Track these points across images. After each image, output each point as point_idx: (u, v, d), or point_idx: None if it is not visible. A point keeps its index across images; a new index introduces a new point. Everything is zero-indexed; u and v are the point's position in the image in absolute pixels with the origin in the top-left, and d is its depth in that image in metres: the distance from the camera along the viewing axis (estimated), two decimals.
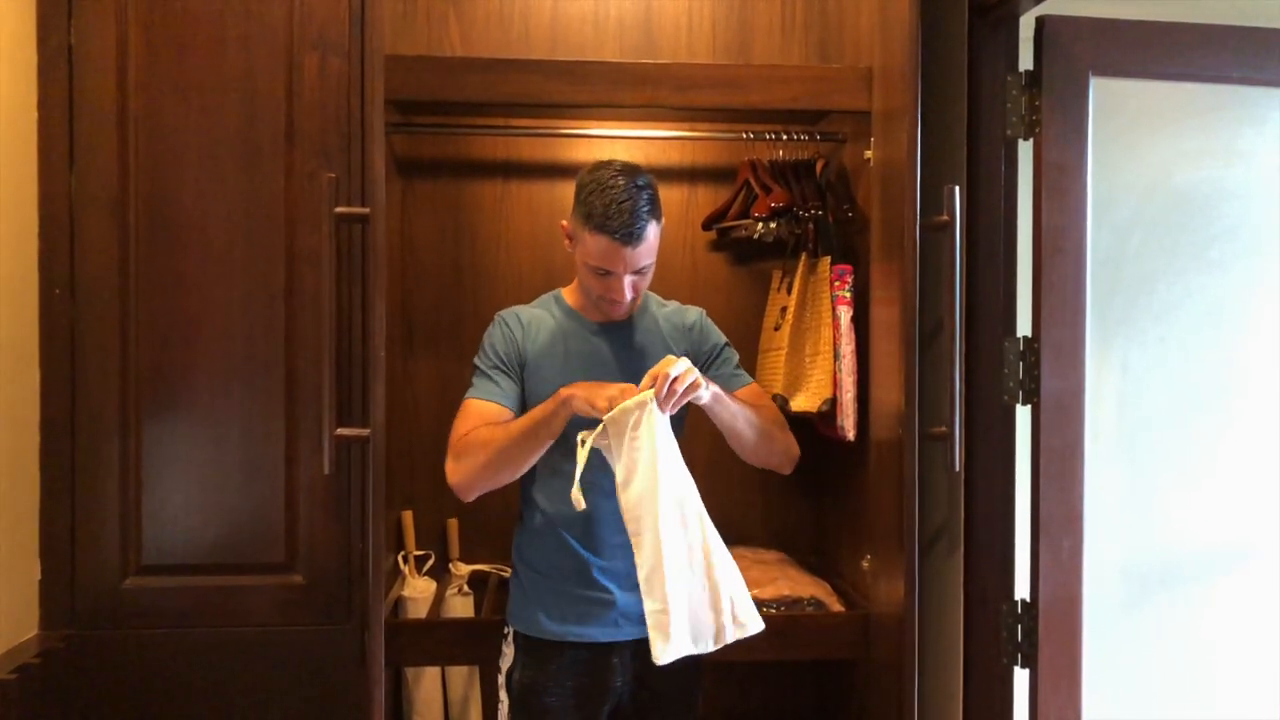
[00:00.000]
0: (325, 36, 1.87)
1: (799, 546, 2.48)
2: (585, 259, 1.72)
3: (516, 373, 1.79)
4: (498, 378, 1.78)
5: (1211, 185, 1.95)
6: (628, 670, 1.78)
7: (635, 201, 1.66)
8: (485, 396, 1.76)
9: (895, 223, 1.80)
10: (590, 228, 1.68)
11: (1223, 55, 1.86)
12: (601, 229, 1.66)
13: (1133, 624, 1.95)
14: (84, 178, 1.83)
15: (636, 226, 1.65)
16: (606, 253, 1.68)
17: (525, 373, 1.79)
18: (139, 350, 1.85)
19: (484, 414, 1.74)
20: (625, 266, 1.69)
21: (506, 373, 1.78)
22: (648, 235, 1.68)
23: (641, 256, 1.69)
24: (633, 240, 1.66)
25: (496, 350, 1.80)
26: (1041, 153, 1.80)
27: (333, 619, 1.89)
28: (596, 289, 1.75)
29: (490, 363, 1.79)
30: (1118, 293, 1.91)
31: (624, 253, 1.67)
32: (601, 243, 1.67)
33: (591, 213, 1.67)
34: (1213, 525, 1.97)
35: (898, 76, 1.80)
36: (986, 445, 1.85)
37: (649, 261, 1.72)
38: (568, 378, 1.75)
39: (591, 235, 1.68)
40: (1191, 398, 1.95)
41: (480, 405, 1.75)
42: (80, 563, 1.84)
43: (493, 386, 1.77)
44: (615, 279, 1.71)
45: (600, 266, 1.70)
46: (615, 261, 1.68)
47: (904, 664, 1.73)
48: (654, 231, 1.70)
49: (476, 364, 1.81)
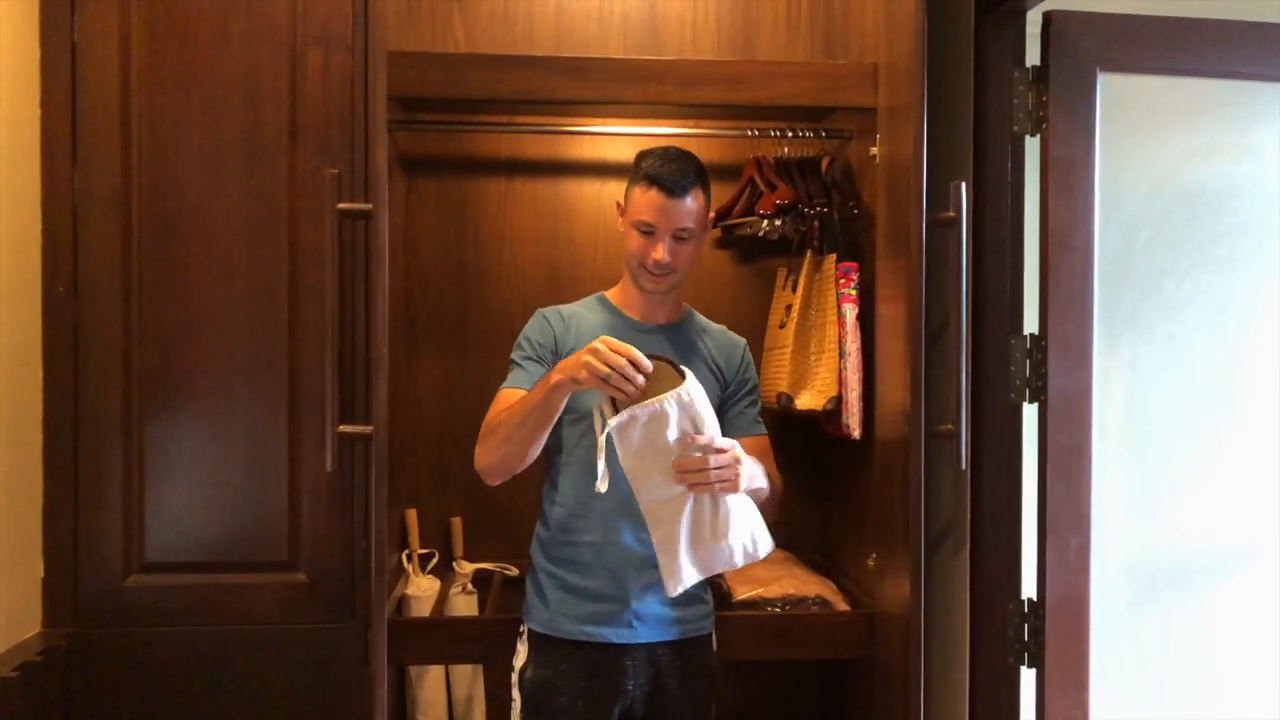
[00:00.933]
0: (329, 32, 1.86)
1: (804, 545, 2.47)
2: (633, 216, 1.78)
3: (549, 362, 1.79)
4: (529, 366, 1.80)
5: (1221, 181, 1.93)
6: (641, 674, 1.77)
7: (685, 163, 1.77)
8: (514, 385, 1.79)
9: (901, 219, 1.79)
10: (639, 180, 1.77)
11: (1232, 50, 1.85)
12: (649, 179, 1.75)
13: (1140, 624, 1.93)
14: (87, 175, 1.82)
15: (683, 180, 1.74)
16: (652, 204, 1.74)
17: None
18: (142, 347, 1.84)
19: (509, 401, 1.75)
20: (667, 222, 1.74)
21: (538, 361, 1.81)
22: (692, 193, 1.76)
23: (684, 215, 1.75)
24: (677, 191, 1.73)
25: (530, 340, 1.84)
26: (1048, 149, 1.79)
27: (336, 617, 1.88)
28: (638, 253, 1.78)
29: (524, 353, 1.83)
30: (1125, 290, 1.89)
31: (668, 205, 1.74)
32: (648, 195, 1.75)
33: (644, 169, 1.77)
34: (1221, 524, 1.96)
35: (903, 72, 1.78)
36: (993, 443, 1.84)
37: (690, 225, 1.77)
38: None
39: (640, 189, 1.77)
40: (1200, 395, 1.94)
41: (508, 393, 1.78)
42: (83, 560, 1.83)
43: (522, 375, 1.80)
44: (657, 238, 1.75)
45: (644, 221, 1.75)
46: (659, 214, 1.74)
47: (910, 663, 1.72)
48: (699, 198, 1.78)
49: (512, 356, 1.84)
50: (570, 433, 1.79)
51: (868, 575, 2.08)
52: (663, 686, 1.79)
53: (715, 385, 1.84)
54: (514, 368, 1.81)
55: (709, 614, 1.86)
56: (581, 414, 1.76)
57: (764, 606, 2.05)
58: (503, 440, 1.69)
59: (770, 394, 2.23)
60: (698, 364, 1.83)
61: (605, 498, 1.64)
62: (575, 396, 1.74)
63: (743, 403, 1.89)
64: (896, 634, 1.81)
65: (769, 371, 2.29)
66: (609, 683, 1.76)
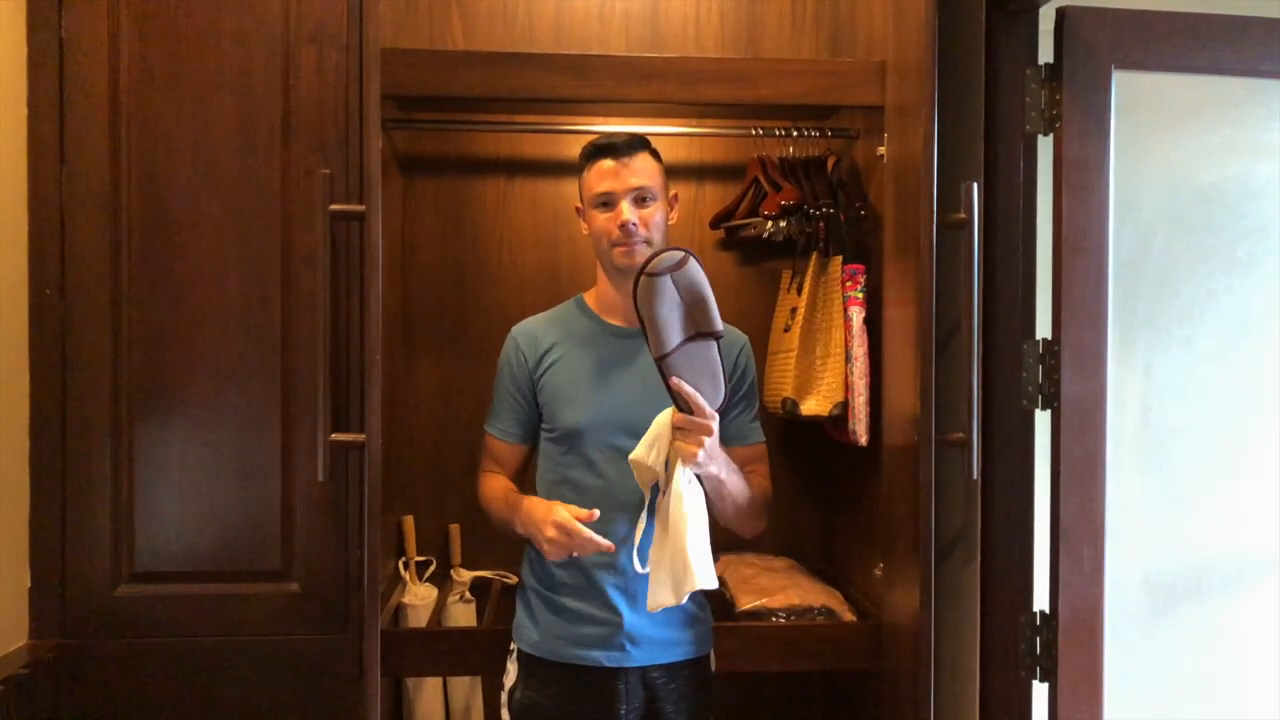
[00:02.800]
0: (323, 30, 1.82)
1: (809, 554, 2.43)
2: (589, 197, 1.77)
3: (526, 397, 1.82)
4: (504, 411, 1.84)
5: (1239, 182, 1.89)
6: (635, 698, 1.73)
7: (625, 133, 1.80)
8: (495, 434, 1.86)
9: (910, 221, 1.74)
10: (585, 159, 1.79)
11: (1250, 47, 1.80)
12: (592, 151, 1.77)
13: (1156, 637, 1.89)
14: (75, 175, 1.78)
15: (627, 143, 1.75)
16: (601, 173, 1.74)
17: (538, 388, 1.81)
18: (131, 351, 1.80)
19: (493, 451, 1.87)
20: (621, 184, 1.72)
21: (514, 401, 1.83)
22: (640, 154, 1.76)
23: (638, 174, 1.73)
24: (622, 151, 1.73)
25: (503, 376, 1.85)
26: (1062, 149, 1.75)
27: (330, 628, 1.84)
28: (604, 231, 1.75)
29: (499, 392, 1.85)
30: (1141, 293, 1.85)
31: (617, 167, 1.73)
32: (595, 166, 1.75)
33: (586, 149, 1.79)
34: (1240, 534, 1.91)
35: (913, 70, 1.74)
36: (1004, 451, 1.79)
37: (647, 184, 1.74)
38: (583, 386, 1.76)
39: (588, 167, 1.77)
40: (1218, 402, 1.89)
41: (490, 442, 1.87)
42: (71, 570, 1.79)
43: (500, 422, 1.85)
44: (615, 207, 1.72)
45: (599, 193, 1.74)
46: (611, 180, 1.72)
47: (919, 676, 1.68)
48: (649, 160, 1.76)
49: (494, 388, 1.87)
50: (555, 449, 1.76)
51: (874, 585, 2.04)
52: (657, 711, 1.74)
53: None
54: (492, 410, 1.88)
55: (708, 634, 1.81)
56: (564, 433, 1.74)
57: (768, 617, 2.01)
58: (496, 522, 1.83)
59: (775, 399, 2.19)
60: None
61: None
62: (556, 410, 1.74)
63: (737, 407, 1.84)
64: (905, 646, 1.77)
65: (773, 376, 2.24)
66: (601, 707, 1.72)
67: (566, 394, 1.75)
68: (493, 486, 1.82)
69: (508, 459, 1.84)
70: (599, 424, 1.72)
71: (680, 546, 1.55)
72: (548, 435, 1.79)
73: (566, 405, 1.75)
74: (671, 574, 1.56)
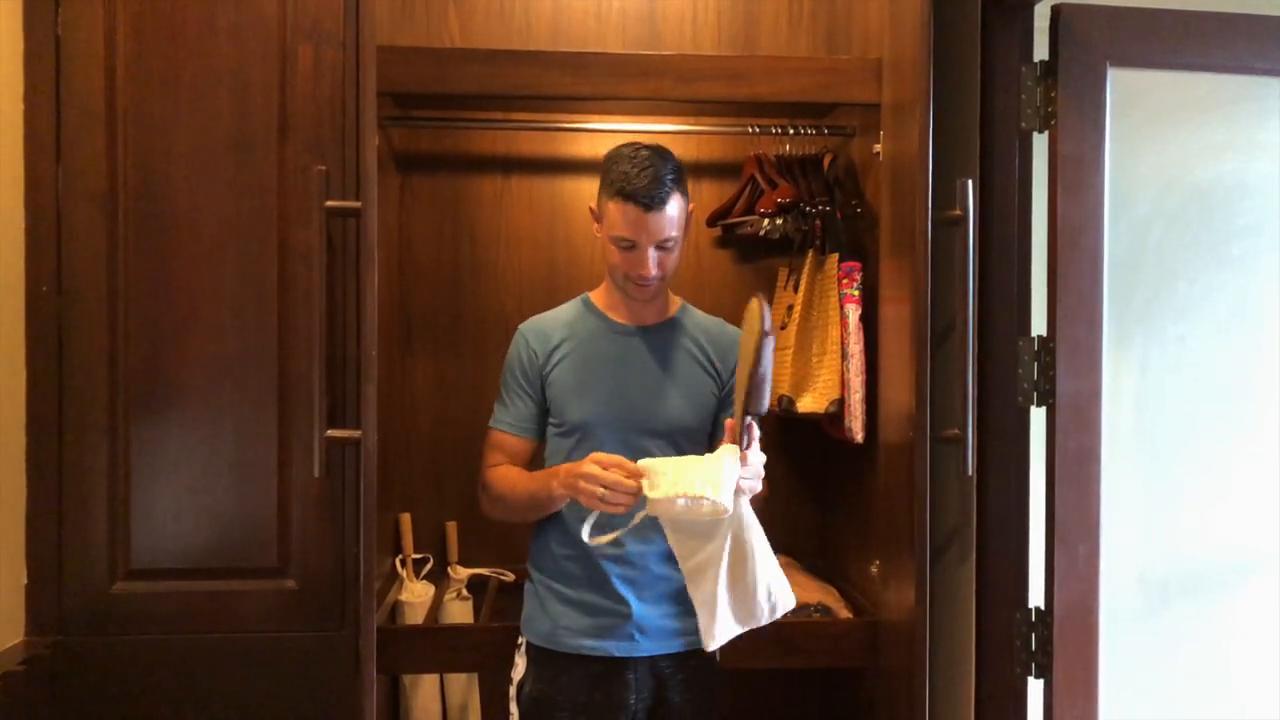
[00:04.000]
0: (319, 27, 1.82)
1: (805, 551, 2.43)
2: (610, 231, 1.71)
3: (536, 391, 1.81)
4: (514, 403, 1.82)
5: (1234, 179, 1.89)
6: (644, 688, 1.73)
7: (658, 169, 1.66)
8: (503, 428, 1.82)
9: (905, 218, 1.75)
10: (612, 195, 1.67)
11: (1246, 45, 1.81)
12: (623, 194, 1.65)
13: (1151, 633, 1.89)
14: (71, 172, 1.78)
15: (659, 191, 1.65)
16: (629, 220, 1.66)
17: (546, 383, 1.80)
18: (128, 348, 1.79)
19: (503, 446, 1.82)
20: (648, 236, 1.67)
21: (523, 395, 1.81)
22: (670, 202, 1.67)
23: (665, 226, 1.67)
24: (655, 204, 1.65)
25: (513, 371, 1.83)
26: (1057, 146, 1.75)
27: (326, 625, 1.84)
28: (621, 266, 1.72)
29: (508, 386, 1.83)
30: (1136, 290, 1.85)
31: (646, 219, 1.65)
32: (624, 210, 1.66)
33: (614, 180, 1.67)
34: (1235, 531, 1.91)
35: (908, 67, 1.74)
36: (1000, 448, 1.79)
37: (673, 234, 1.70)
38: (591, 380, 1.76)
39: (614, 203, 1.67)
40: (1213, 399, 1.89)
41: (499, 437, 1.83)
42: (68, 567, 1.79)
43: (509, 415, 1.82)
44: (639, 252, 1.69)
45: (623, 237, 1.68)
46: (638, 230, 1.66)
47: (914, 673, 1.68)
48: (678, 202, 1.69)
49: (500, 385, 1.85)
50: (564, 443, 1.76)
51: (871, 582, 2.04)
52: (665, 700, 1.75)
53: (711, 383, 1.80)
54: (499, 403, 1.84)
55: None
56: (571, 428, 1.74)
57: None
58: (507, 513, 1.79)
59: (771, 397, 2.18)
60: (687, 365, 1.79)
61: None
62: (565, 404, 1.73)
63: None
64: (901, 642, 1.77)
65: None
66: (610, 697, 1.72)
67: (575, 388, 1.76)
68: (507, 474, 1.79)
69: (518, 453, 1.82)
70: (607, 417, 1.74)
71: (771, 569, 1.60)
72: (556, 430, 1.79)
73: (575, 399, 1.75)
74: (755, 599, 1.59)
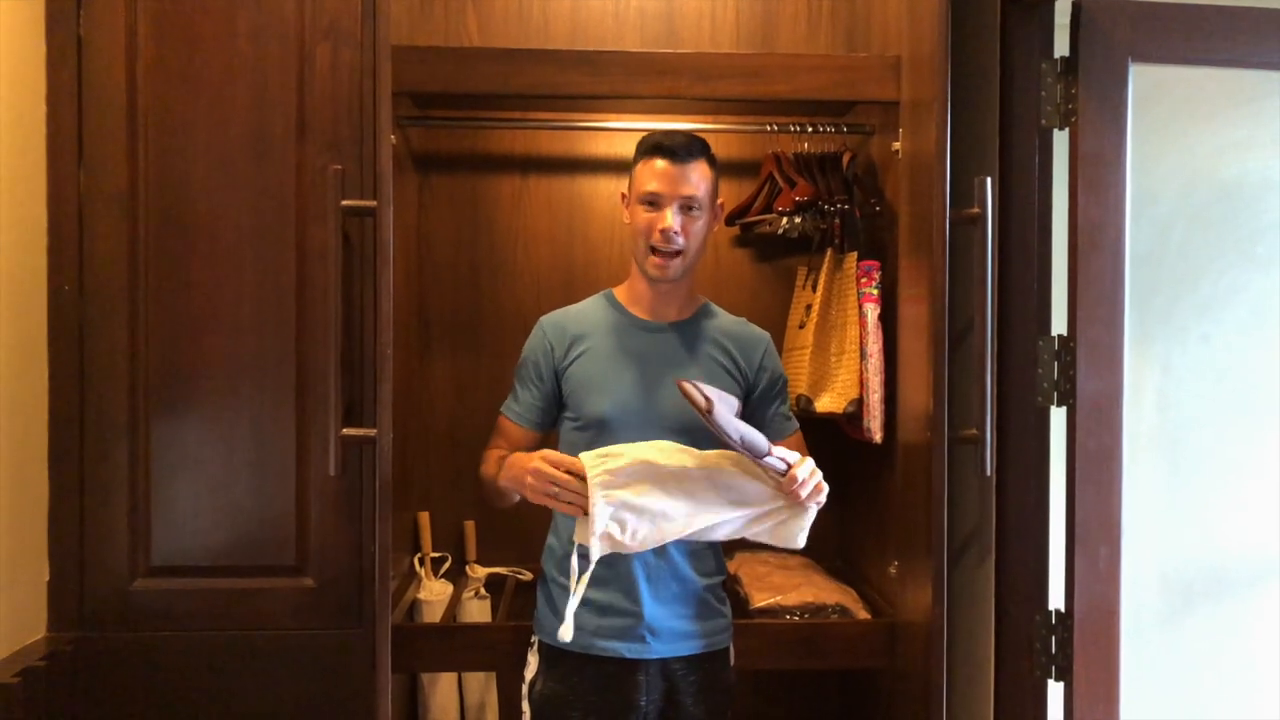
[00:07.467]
0: (337, 27, 1.83)
1: (824, 552, 2.41)
2: (638, 191, 1.75)
3: (547, 384, 1.82)
4: (523, 392, 1.84)
5: (1259, 176, 1.87)
6: (655, 689, 1.73)
7: (689, 136, 1.77)
8: (509, 415, 1.85)
9: (924, 216, 1.73)
10: (643, 154, 1.75)
11: (1270, 40, 1.78)
12: (653, 148, 1.73)
13: (1173, 636, 1.87)
14: (93, 172, 1.79)
15: (690, 147, 1.73)
16: (656, 172, 1.72)
17: (563, 377, 1.81)
18: (148, 347, 1.81)
19: (505, 432, 1.85)
20: (674, 188, 1.71)
21: (533, 385, 1.83)
22: (698, 162, 1.74)
23: (691, 182, 1.72)
24: (682, 156, 1.71)
25: (527, 361, 1.85)
26: (1078, 143, 1.73)
27: (344, 623, 1.84)
28: (644, 228, 1.75)
29: (520, 376, 1.85)
30: (1158, 289, 1.83)
31: (673, 171, 1.71)
32: (651, 164, 1.73)
33: (646, 143, 1.76)
34: (1258, 532, 1.89)
35: (927, 64, 1.73)
36: (1019, 449, 1.78)
37: (699, 196, 1.73)
38: (612, 375, 1.77)
39: (643, 162, 1.75)
40: (1236, 399, 1.87)
41: (503, 422, 1.86)
42: (89, 564, 1.80)
43: (516, 403, 1.85)
44: (663, 208, 1.72)
45: (649, 191, 1.73)
46: (664, 181, 1.71)
47: (932, 674, 1.66)
48: (706, 170, 1.76)
49: (516, 374, 1.87)
50: (581, 438, 1.76)
51: (889, 583, 2.02)
52: (677, 702, 1.74)
53: (734, 385, 1.79)
54: (511, 392, 1.88)
55: (727, 627, 1.81)
56: (589, 422, 1.74)
57: (782, 614, 2.00)
58: (489, 497, 1.83)
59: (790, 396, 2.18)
60: (708, 364, 1.78)
61: None
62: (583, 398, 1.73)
63: (775, 402, 1.85)
64: (918, 644, 1.76)
65: (788, 373, 2.23)
66: (621, 698, 1.72)
67: (593, 383, 1.76)
68: (492, 457, 1.82)
69: (518, 441, 1.83)
70: (625, 413, 1.73)
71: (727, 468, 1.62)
72: (573, 424, 1.78)
73: (593, 394, 1.75)
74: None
